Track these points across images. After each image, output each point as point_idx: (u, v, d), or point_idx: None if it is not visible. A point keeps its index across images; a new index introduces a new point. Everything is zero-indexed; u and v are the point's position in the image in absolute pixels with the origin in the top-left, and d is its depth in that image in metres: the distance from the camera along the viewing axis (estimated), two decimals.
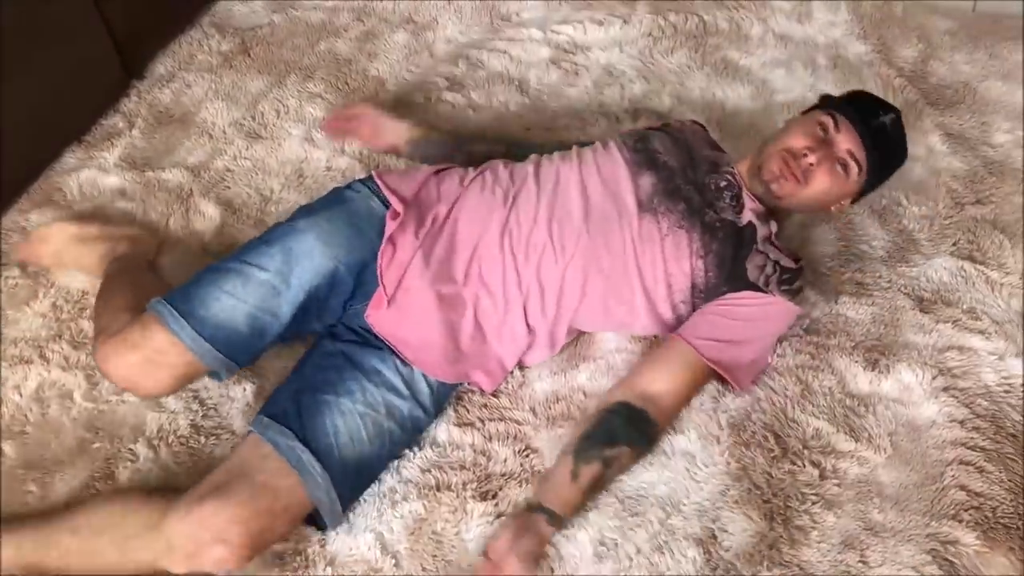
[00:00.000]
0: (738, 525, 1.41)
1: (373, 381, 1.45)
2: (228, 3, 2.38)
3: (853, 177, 1.54)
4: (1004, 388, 1.58)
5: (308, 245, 1.48)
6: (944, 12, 2.30)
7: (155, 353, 1.42)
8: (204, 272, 1.49)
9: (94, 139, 2.03)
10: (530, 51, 2.22)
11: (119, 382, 1.47)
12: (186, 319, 1.42)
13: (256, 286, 1.45)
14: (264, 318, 1.45)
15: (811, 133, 1.53)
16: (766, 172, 1.53)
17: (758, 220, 1.55)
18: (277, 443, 1.35)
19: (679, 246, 1.51)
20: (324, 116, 2.01)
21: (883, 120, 1.55)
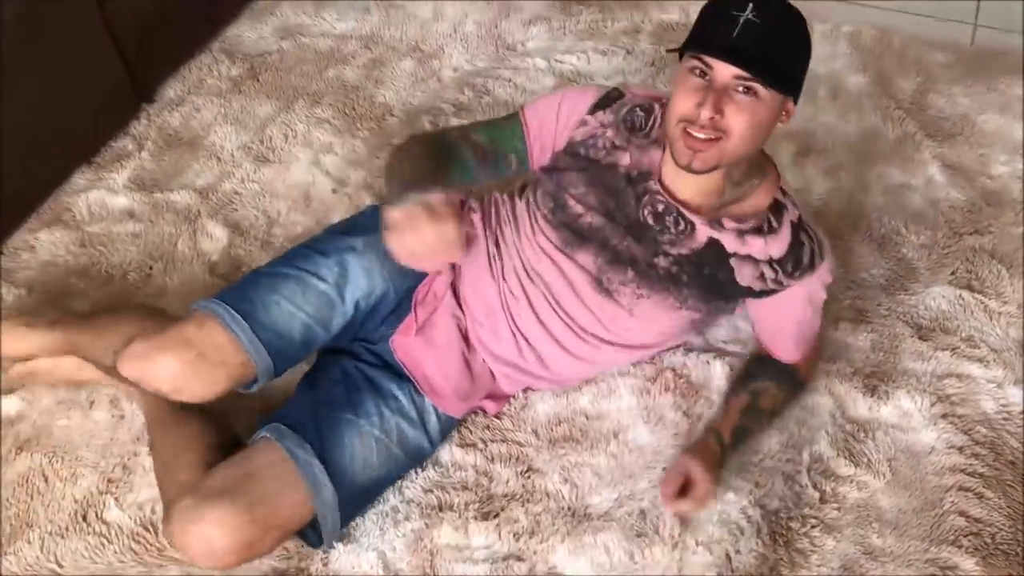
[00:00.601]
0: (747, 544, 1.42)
1: (390, 406, 1.44)
2: (238, 29, 2.41)
3: (762, 92, 1.26)
4: (1003, 416, 1.59)
5: (367, 263, 1.47)
6: (942, 46, 2.34)
7: (212, 349, 1.36)
8: (255, 276, 1.46)
9: (104, 161, 2.06)
10: (535, 79, 2.26)
11: (164, 383, 1.38)
12: (246, 320, 1.38)
13: (314, 295, 1.43)
14: (316, 329, 1.44)
15: (691, 87, 1.28)
16: (679, 157, 1.32)
17: (715, 229, 1.41)
18: (295, 455, 1.34)
19: (648, 313, 1.47)
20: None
21: (742, 16, 1.24)
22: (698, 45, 1.27)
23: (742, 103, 1.26)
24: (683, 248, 1.42)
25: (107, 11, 2.00)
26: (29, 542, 1.44)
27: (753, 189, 1.42)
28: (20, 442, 1.57)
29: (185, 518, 1.29)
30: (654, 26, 2.41)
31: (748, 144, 1.31)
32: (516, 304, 1.49)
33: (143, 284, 1.81)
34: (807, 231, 1.44)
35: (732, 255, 1.42)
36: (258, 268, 1.48)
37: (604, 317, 1.47)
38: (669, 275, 1.43)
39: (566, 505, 1.48)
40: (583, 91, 1.50)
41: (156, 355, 1.37)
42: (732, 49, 1.23)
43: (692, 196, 1.41)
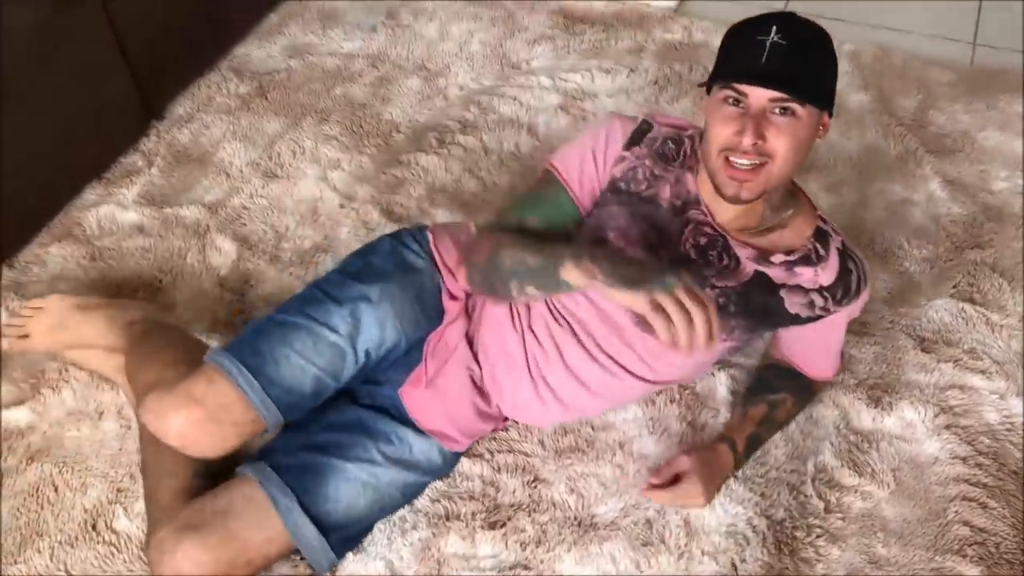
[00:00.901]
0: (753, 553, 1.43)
1: (383, 452, 1.43)
2: (246, 48, 2.45)
3: (800, 111, 1.26)
4: (1006, 426, 1.60)
5: (381, 314, 1.44)
6: (942, 64, 2.37)
7: (220, 409, 1.35)
8: (268, 325, 1.43)
9: (114, 176, 2.08)
10: (539, 97, 2.28)
11: (174, 439, 1.37)
12: (255, 376, 1.37)
13: (326, 347, 1.41)
14: (326, 380, 1.42)
15: (727, 115, 1.28)
16: (725, 189, 1.31)
17: (760, 263, 1.40)
18: (276, 499, 1.34)
19: None
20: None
21: (768, 40, 1.24)
22: (728, 75, 1.27)
23: (782, 125, 1.26)
24: (730, 280, 1.40)
25: (119, 30, 2.03)
26: (39, 551, 1.45)
27: (792, 218, 1.42)
28: (31, 452, 1.58)
29: (160, 549, 1.31)
30: (657, 45, 2.44)
31: (792, 165, 1.30)
32: (543, 354, 1.46)
33: (153, 297, 1.83)
34: (852, 257, 1.45)
35: (781, 286, 1.41)
36: (273, 315, 1.46)
37: (645, 353, 1.45)
38: (716, 306, 1.38)
39: (572, 515, 1.49)
40: (613, 127, 1.45)
41: (168, 413, 1.36)
42: (763, 74, 1.23)
43: (732, 219, 1.40)
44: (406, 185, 2.05)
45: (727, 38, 1.32)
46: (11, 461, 1.56)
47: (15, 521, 1.49)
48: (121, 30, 2.03)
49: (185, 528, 1.30)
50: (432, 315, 1.50)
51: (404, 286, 1.48)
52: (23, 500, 1.51)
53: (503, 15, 2.57)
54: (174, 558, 1.28)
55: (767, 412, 1.55)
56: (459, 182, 2.06)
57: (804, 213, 1.44)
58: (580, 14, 2.57)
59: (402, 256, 1.51)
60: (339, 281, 1.47)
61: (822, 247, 1.42)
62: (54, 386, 1.66)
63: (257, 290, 1.84)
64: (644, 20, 2.54)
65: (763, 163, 1.27)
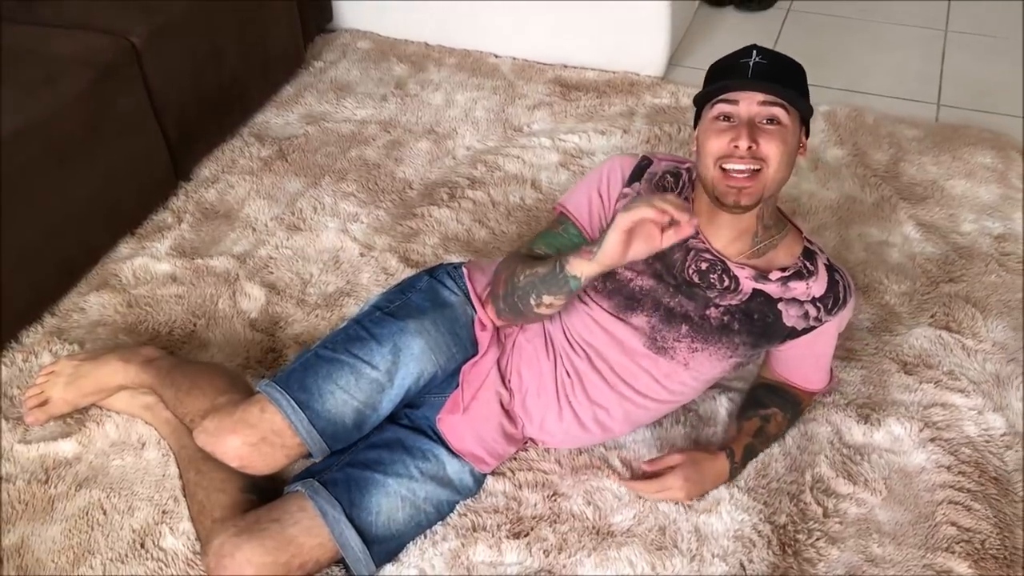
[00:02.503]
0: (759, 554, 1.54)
1: (420, 469, 1.54)
2: (265, 116, 2.62)
3: (785, 119, 1.42)
4: (984, 439, 1.74)
5: (417, 349, 1.56)
6: (911, 122, 2.58)
7: (272, 434, 1.49)
8: (313, 360, 1.56)
9: (146, 231, 2.22)
10: (540, 156, 2.46)
11: (232, 460, 1.51)
12: (303, 410, 1.50)
13: (367, 383, 1.54)
14: (367, 412, 1.54)
15: (719, 130, 1.43)
16: (724, 198, 1.44)
17: (759, 281, 1.53)
18: (325, 512, 1.45)
19: (704, 364, 1.57)
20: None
21: (750, 60, 1.43)
22: (719, 90, 1.44)
23: (771, 131, 1.41)
24: (732, 299, 1.53)
25: (154, 97, 2.20)
26: (91, 568, 1.54)
27: (782, 239, 1.57)
28: (79, 481, 1.68)
29: (219, 553, 1.41)
30: (647, 109, 2.64)
31: (783, 171, 1.44)
32: (569, 382, 1.59)
33: (188, 339, 1.95)
34: (838, 270, 1.60)
35: (779, 300, 1.55)
36: (318, 349, 1.58)
37: (660, 376, 1.57)
38: (722, 325, 1.54)
39: (590, 524, 1.60)
40: (616, 166, 1.60)
41: (226, 436, 1.50)
42: (751, 80, 1.41)
43: (728, 242, 1.53)
44: (421, 235, 2.20)
45: (712, 69, 1.50)
46: (60, 488, 1.66)
47: (67, 541, 1.58)
48: (156, 97, 2.20)
49: (243, 533, 1.41)
50: (466, 345, 1.62)
51: (438, 321, 1.60)
52: (74, 522, 1.61)
53: (504, 84, 2.76)
54: (234, 560, 1.39)
55: (760, 425, 1.68)
56: (470, 231, 2.22)
57: (792, 234, 1.59)
58: (574, 82, 2.78)
59: (437, 292, 1.64)
60: (379, 319, 1.60)
61: (811, 263, 1.58)
62: (98, 420, 1.77)
63: (286, 331, 1.97)
64: (634, 87, 2.74)
65: (759, 169, 1.41)
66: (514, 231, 2.22)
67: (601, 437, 1.67)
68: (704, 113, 1.49)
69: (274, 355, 1.92)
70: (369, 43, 2.96)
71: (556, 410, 1.60)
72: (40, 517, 1.61)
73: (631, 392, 1.59)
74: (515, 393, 1.62)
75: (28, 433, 1.74)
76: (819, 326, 1.60)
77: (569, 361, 1.59)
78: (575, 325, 1.60)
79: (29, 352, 1.91)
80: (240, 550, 1.40)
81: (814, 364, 1.70)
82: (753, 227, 1.53)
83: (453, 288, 1.65)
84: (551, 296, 1.46)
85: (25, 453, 1.71)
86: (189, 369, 1.71)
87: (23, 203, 1.87)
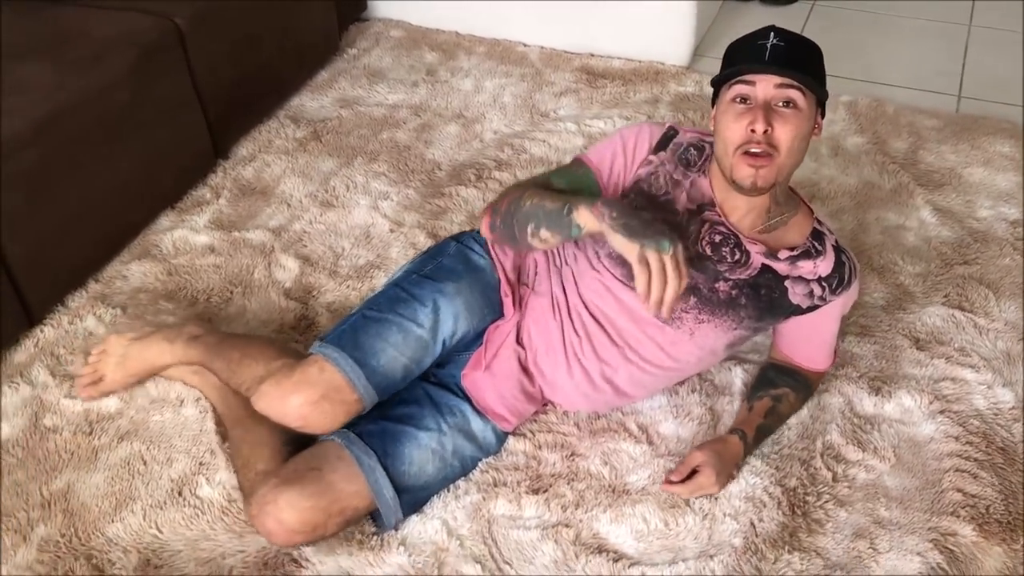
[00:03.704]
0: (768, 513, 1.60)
1: (448, 423, 1.61)
2: (300, 100, 2.72)
3: (801, 102, 1.46)
4: (993, 411, 1.78)
5: (456, 309, 1.63)
6: (931, 112, 2.62)
7: (332, 391, 1.54)
8: (363, 321, 1.62)
9: (185, 206, 2.32)
10: (566, 140, 2.53)
11: (294, 420, 1.55)
12: (360, 367, 1.56)
13: (414, 340, 1.60)
14: (412, 368, 1.61)
15: (736, 113, 1.47)
16: (742, 180, 1.48)
17: (769, 258, 1.59)
18: (361, 460, 1.52)
19: (709, 335, 1.62)
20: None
21: (768, 42, 1.46)
22: (736, 72, 1.48)
23: (786, 115, 1.45)
24: (741, 274, 1.58)
25: (197, 84, 2.30)
26: (133, 512, 1.62)
27: (793, 217, 1.62)
28: (120, 433, 1.76)
29: (262, 500, 1.49)
30: (672, 96, 2.71)
31: (796, 155, 1.48)
32: (577, 341, 1.64)
33: (225, 306, 2.04)
34: (844, 252, 1.66)
35: (786, 277, 1.60)
36: (364, 311, 1.64)
37: (666, 344, 1.62)
38: (730, 299, 1.59)
39: (607, 483, 1.66)
40: (644, 132, 1.64)
41: (287, 396, 1.55)
42: (769, 63, 1.44)
43: (742, 216, 1.58)
44: (449, 213, 2.28)
45: (729, 50, 1.54)
46: (104, 440, 1.75)
47: (110, 488, 1.67)
48: (201, 86, 2.29)
49: (284, 483, 1.48)
50: (496, 307, 1.69)
51: (471, 283, 1.67)
52: (116, 471, 1.69)
53: (532, 72, 2.84)
54: (276, 506, 1.46)
55: (771, 405, 1.73)
56: None
57: (803, 214, 1.65)
58: (601, 71, 2.84)
59: (468, 256, 1.71)
60: (417, 281, 1.67)
61: (819, 244, 1.63)
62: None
63: (319, 300, 2.06)
64: (659, 75, 2.81)
65: (771, 155, 1.46)
66: None
67: (613, 397, 1.71)
68: (721, 94, 1.53)
69: (306, 322, 2.00)
70: (401, 32, 3.05)
71: (565, 367, 1.66)
72: (85, 465, 1.70)
73: (636, 357, 1.64)
74: (528, 350, 1.68)
75: (74, 388, 1.83)
76: (823, 305, 1.65)
77: (580, 320, 1.65)
78: (586, 289, 1.65)
79: (75, 315, 2.00)
80: (282, 495, 1.46)
81: (818, 344, 1.75)
82: (766, 204, 1.58)
83: (481, 253, 1.72)
84: (548, 232, 1.48)
85: (71, 407, 1.80)
86: (237, 341, 1.76)
87: (72, 175, 1.96)
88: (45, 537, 1.57)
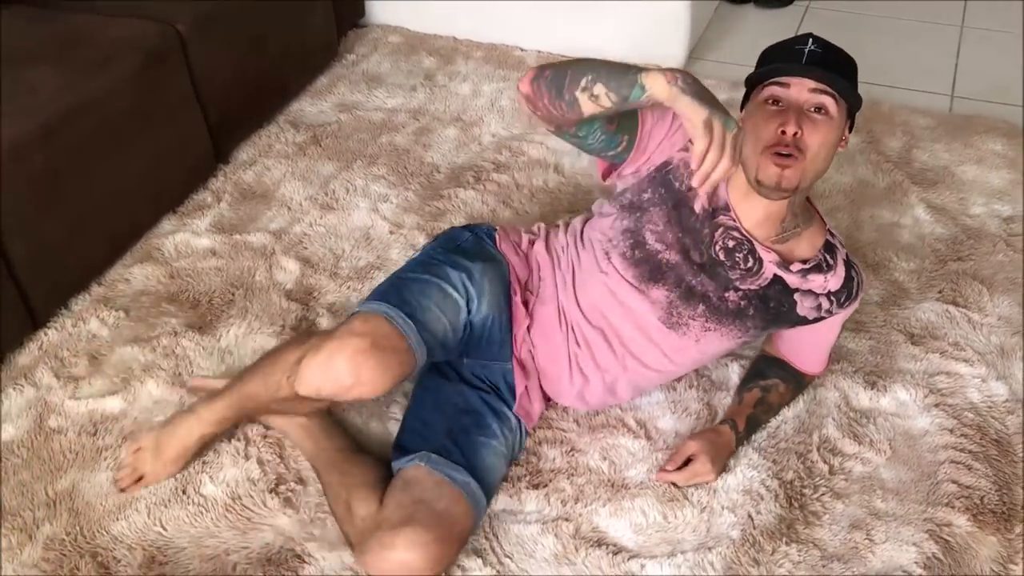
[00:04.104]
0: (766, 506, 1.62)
1: (502, 428, 1.62)
2: (300, 105, 2.74)
3: (833, 110, 1.44)
4: (987, 404, 1.81)
5: (482, 289, 1.61)
6: (924, 111, 2.65)
7: (381, 338, 1.44)
8: (403, 281, 1.58)
9: (187, 210, 2.34)
10: (563, 143, 2.54)
11: (345, 378, 1.42)
12: (411, 319, 1.49)
13: (451, 303, 1.57)
14: (449, 332, 1.56)
15: (768, 114, 1.45)
16: (768, 180, 1.45)
17: (781, 268, 1.57)
18: (453, 478, 1.49)
19: (713, 342, 1.63)
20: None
21: (805, 47, 1.46)
22: (773, 72, 1.46)
23: (818, 121, 1.43)
24: (752, 284, 1.57)
25: (199, 89, 2.32)
26: (137, 511, 1.64)
27: (807, 229, 1.60)
28: (124, 434, 1.78)
29: (380, 546, 1.42)
30: None
31: (822, 163, 1.46)
32: (580, 353, 1.65)
33: (227, 307, 2.06)
34: (854, 266, 1.66)
35: (796, 290, 1.59)
36: (399, 273, 1.62)
37: (670, 350, 1.63)
38: (738, 309, 1.59)
39: (606, 478, 1.68)
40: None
41: (336, 355, 1.42)
42: (806, 66, 1.43)
43: (757, 223, 1.55)
44: (448, 215, 2.30)
45: (766, 52, 1.53)
46: (108, 440, 1.77)
47: (114, 487, 1.69)
48: (199, 83, 2.32)
49: (399, 525, 1.42)
50: (509, 304, 1.67)
51: (492, 271, 1.65)
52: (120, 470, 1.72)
53: None
54: (398, 551, 1.40)
55: (760, 396, 1.75)
56: (495, 212, 2.31)
57: (817, 226, 1.63)
58: None
59: (483, 245, 1.71)
60: (444, 254, 1.64)
61: (831, 257, 1.62)
62: (141, 380, 1.88)
63: (320, 300, 2.08)
64: None
65: (798, 156, 1.43)
66: (537, 212, 2.31)
67: (609, 398, 1.73)
68: (754, 95, 1.50)
69: (307, 323, 2.02)
70: (399, 37, 3.08)
71: (567, 375, 1.67)
72: (89, 465, 1.72)
73: (638, 365, 1.65)
74: (535, 356, 1.70)
75: (78, 390, 1.85)
76: (829, 317, 1.66)
77: (581, 332, 1.65)
78: (591, 295, 1.64)
79: (78, 318, 2.02)
80: (400, 537, 1.40)
81: (815, 350, 1.77)
82: (783, 213, 1.55)
83: (495, 250, 1.71)
84: (605, 88, 1.33)
85: (75, 408, 1.82)
86: (252, 367, 1.71)
87: (76, 178, 1.99)
88: (51, 536, 1.59)
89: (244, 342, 1.96)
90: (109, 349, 1.95)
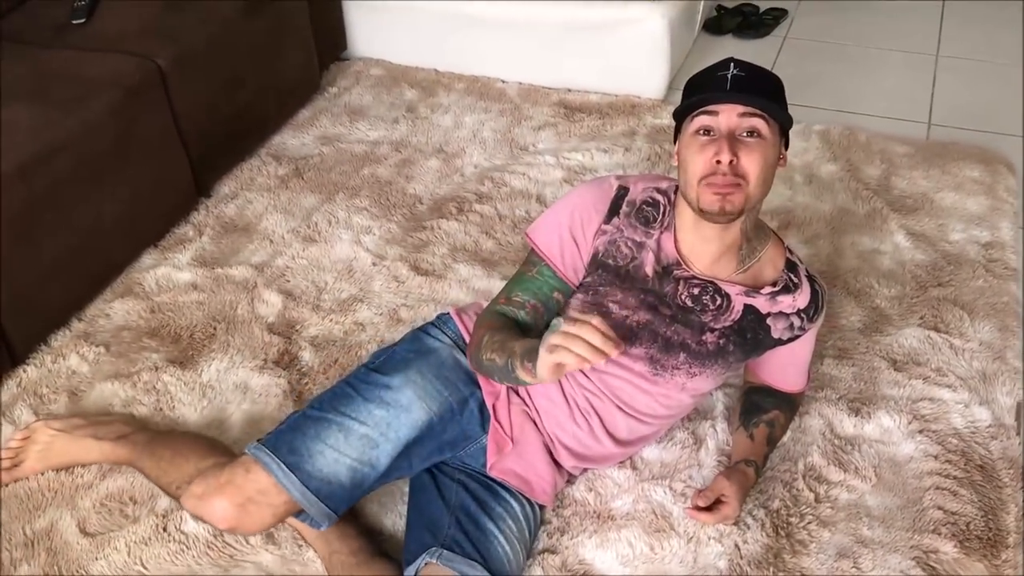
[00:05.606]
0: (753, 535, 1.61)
1: (511, 515, 1.56)
2: (282, 138, 2.74)
3: (765, 131, 1.43)
4: (971, 430, 1.81)
5: (406, 400, 1.54)
6: (902, 140, 2.68)
7: (257, 494, 1.46)
8: (301, 420, 1.54)
9: (168, 244, 2.33)
10: (545, 172, 2.56)
11: (220, 522, 1.47)
12: (294, 472, 1.47)
13: (356, 439, 1.50)
14: (363, 470, 1.50)
15: (700, 145, 1.44)
16: (709, 208, 1.44)
17: (749, 296, 1.57)
18: (465, 574, 1.44)
19: (700, 384, 1.62)
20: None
21: (728, 73, 1.45)
22: (699, 102, 1.44)
23: (751, 144, 1.42)
24: (725, 321, 1.56)
25: (180, 124, 2.32)
26: (117, 549, 1.62)
27: (766, 252, 1.59)
28: (103, 471, 1.76)
29: None
30: (648, 129, 2.75)
31: (763, 185, 1.46)
32: (584, 421, 1.61)
33: (209, 341, 2.05)
34: (815, 279, 1.65)
35: (767, 315, 1.59)
36: (306, 409, 1.56)
37: (658, 396, 1.61)
38: (718, 348, 1.57)
39: (592, 509, 1.67)
40: (588, 202, 1.58)
41: (213, 498, 1.47)
42: (731, 92, 1.42)
43: (714, 262, 1.55)
44: (431, 246, 2.30)
45: (690, 83, 1.51)
46: (86, 478, 1.75)
47: (94, 525, 1.66)
48: (180, 118, 2.32)
49: None
50: (457, 385, 1.59)
51: (423, 368, 1.58)
52: (100, 508, 1.69)
53: (510, 107, 2.88)
54: None
55: (768, 432, 1.73)
56: (477, 243, 2.31)
57: (774, 245, 1.62)
58: (578, 105, 2.89)
59: (420, 340, 1.65)
60: (365, 375, 1.59)
61: (794, 276, 1.61)
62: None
63: (302, 334, 2.07)
64: (635, 108, 2.85)
65: (739, 184, 1.42)
66: (519, 242, 2.31)
67: (615, 448, 1.67)
68: (684, 127, 1.49)
69: (289, 356, 2.01)
70: (381, 70, 3.10)
71: (571, 419, 1.63)
72: (67, 503, 1.70)
73: (632, 410, 1.63)
74: (542, 425, 1.64)
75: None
76: (803, 334, 1.66)
77: (575, 380, 1.62)
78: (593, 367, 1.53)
79: (58, 354, 2.01)
80: None
81: (795, 369, 1.76)
82: (738, 241, 1.54)
83: (436, 335, 1.66)
84: (508, 383, 1.52)
85: None
86: (168, 439, 1.74)
87: (57, 214, 1.98)
88: None
89: (226, 376, 1.95)
90: (89, 385, 1.93)
